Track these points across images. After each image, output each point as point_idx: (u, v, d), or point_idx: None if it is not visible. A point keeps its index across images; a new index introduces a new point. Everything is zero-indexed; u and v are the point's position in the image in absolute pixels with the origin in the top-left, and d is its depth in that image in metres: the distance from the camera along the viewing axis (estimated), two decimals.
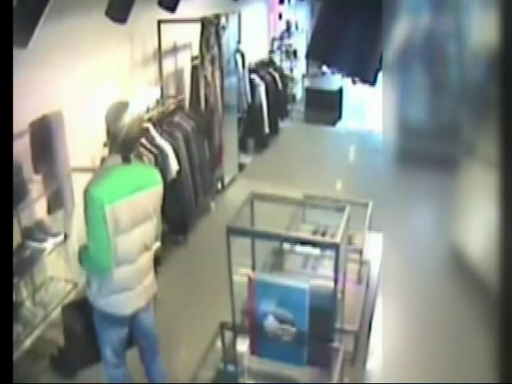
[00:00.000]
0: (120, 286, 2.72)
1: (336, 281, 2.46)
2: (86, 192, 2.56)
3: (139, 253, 2.72)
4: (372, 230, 3.61)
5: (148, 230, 2.75)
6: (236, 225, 2.65)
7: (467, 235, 1.25)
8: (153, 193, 2.73)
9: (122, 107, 2.69)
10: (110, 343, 2.88)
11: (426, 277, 1.28)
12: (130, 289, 2.75)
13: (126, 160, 2.66)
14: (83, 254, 2.72)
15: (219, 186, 6.45)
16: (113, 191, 2.56)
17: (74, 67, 3.94)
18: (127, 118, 2.64)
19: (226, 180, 6.59)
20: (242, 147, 7.47)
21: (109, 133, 2.71)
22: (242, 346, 2.86)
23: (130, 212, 2.60)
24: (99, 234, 2.57)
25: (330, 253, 2.90)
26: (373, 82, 2.27)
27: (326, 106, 9.46)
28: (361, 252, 3.58)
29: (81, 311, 2.92)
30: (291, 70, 9.84)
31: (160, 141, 4.76)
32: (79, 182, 4.14)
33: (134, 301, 2.80)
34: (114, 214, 2.54)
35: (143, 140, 4.67)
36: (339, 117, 9.63)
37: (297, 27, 10.10)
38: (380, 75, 2.17)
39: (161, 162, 4.69)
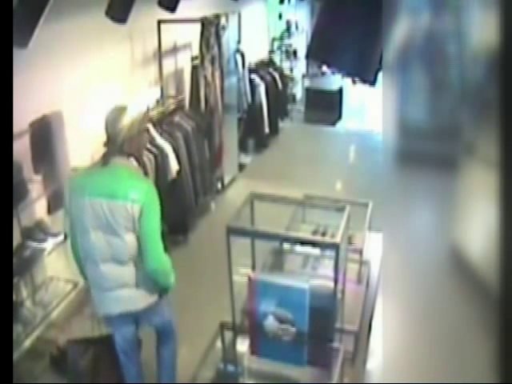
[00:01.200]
0: (92, 282, 2.75)
1: (336, 281, 2.46)
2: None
3: (103, 260, 2.62)
4: (372, 229, 3.61)
5: (116, 245, 2.57)
6: (236, 225, 2.65)
7: (467, 235, 1.25)
8: (119, 207, 2.50)
9: (119, 111, 2.68)
10: (116, 340, 2.89)
11: (426, 277, 1.28)
12: (100, 290, 2.70)
13: (105, 163, 2.62)
14: None
15: (219, 186, 6.45)
16: (80, 186, 2.60)
17: (74, 67, 3.93)
18: (121, 122, 2.63)
19: (226, 180, 6.59)
20: (242, 147, 7.47)
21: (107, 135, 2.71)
22: (242, 346, 2.87)
23: (90, 214, 2.55)
24: (66, 219, 2.73)
25: (330, 253, 2.91)
26: (373, 82, 2.26)
27: (326, 106, 9.46)
28: (361, 252, 3.59)
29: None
30: (291, 70, 9.84)
31: (160, 141, 4.76)
32: None
33: (105, 304, 2.74)
34: (75, 207, 2.59)
35: None
36: (339, 117, 9.63)
37: (297, 27, 10.09)
38: (380, 75, 2.16)
39: (161, 162, 4.69)
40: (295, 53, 9.82)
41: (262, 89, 7.70)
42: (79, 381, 3.06)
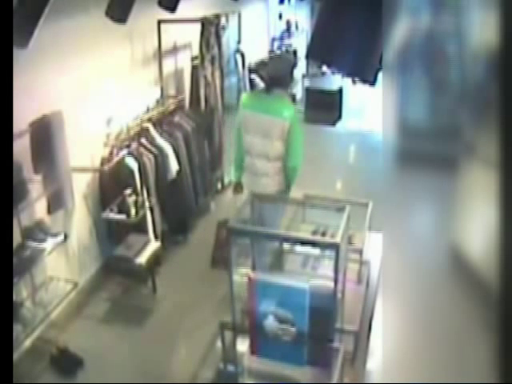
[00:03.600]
0: (246, 169, 4.03)
1: (336, 281, 2.45)
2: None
3: (257, 156, 3.88)
4: (372, 229, 3.61)
5: (269, 145, 3.80)
6: (236, 225, 2.65)
7: (467, 235, 1.25)
8: (275, 121, 3.74)
9: (284, 60, 4.40)
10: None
11: (426, 277, 1.28)
12: (251, 175, 3.99)
13: (268, 92, 3.90)
14: None
15: (219, 186, 6.44)
16: (249, 103, 3.97)
17: (74, 67, 3.93)
18: (285, 67, 4.02)
19: (226, 180, 6.58)
20: None
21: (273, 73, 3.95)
22: (242, 346, 2.86)
23: (252, 122, 3.83)
24: (237, 126, 4.02)
25: (329, 253, 2.90)
26: (373, 82, 2.27)
27: (325, 106, 9.43)
28: (361, 252, 3.58)
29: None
30: None
31: (160, 141, 4.76)
32: (79, 181, 4.15)
33: (253, 185, 3.91)
34: (243, 117, 3.91)
35: (143, 140, 4.67)
36: (339, 117, 9.61)
37: (297, 27, 10.08)
38: (380, 75, 2.16)
39: (161, 162, 4.69)
40: (295, 53, 9.81)
41: None
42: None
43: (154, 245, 4.39)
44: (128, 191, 4.20)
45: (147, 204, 4.43)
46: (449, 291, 1.24)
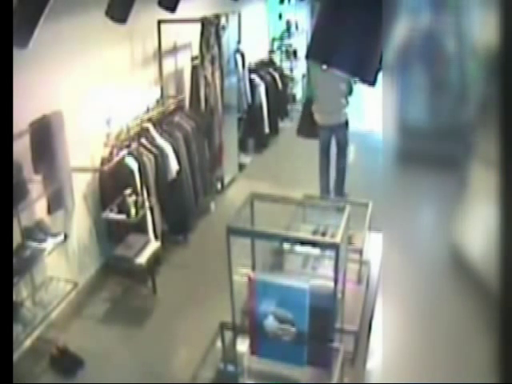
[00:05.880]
0: (316, 110, 5.76)
1: (336, 281, 2.46)
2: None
3: (325, 99, 5.63)
4: (372, 230, 3.61)
5: (335, 89, 5.58)
6: (236, 225, 2.65)
7: (467, 235, 1.25)
8: (339, 78, 5.42)
9: None
10: (320, 141, 5.84)
11: (426, 277, 1.28)
12: (319, 113, 5.72)
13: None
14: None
15: (219, 186, 6.44)
16: (319, 73, 5.62)
17: (74, 67, 3.93)
18: None
19: (226, 180, 6.59)
20: (242, 147, 7.46)
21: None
22: (242, 346, 2.86)
23: (320, 76, 5.52)
24: (309, 81, 6.06)
25: (329, 253, 2.91)
26: (373, 82, 2.26)
27: None
28: (361, 252, 3.59)
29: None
30: (291, 70, 9.83)
31: (160, 141, 4.76)
32: (79, 181, 4.15)
33: (320, 119, 5.71)
34: (312, 73, 5.81)
35: (143, 140, 4.67)
36: None
37: (297, 27, 10.08)
38: (380, 75, 2.16)
39: (161, 162, 4.69)
40: (295, 53, 9.81)
41: (262, 89, 7.69)
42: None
43: (153, 245, 4.39)
44: (128, 191, 4.20)
45: (147, 204, 4.43)
46: (449, 291, 1.24)
